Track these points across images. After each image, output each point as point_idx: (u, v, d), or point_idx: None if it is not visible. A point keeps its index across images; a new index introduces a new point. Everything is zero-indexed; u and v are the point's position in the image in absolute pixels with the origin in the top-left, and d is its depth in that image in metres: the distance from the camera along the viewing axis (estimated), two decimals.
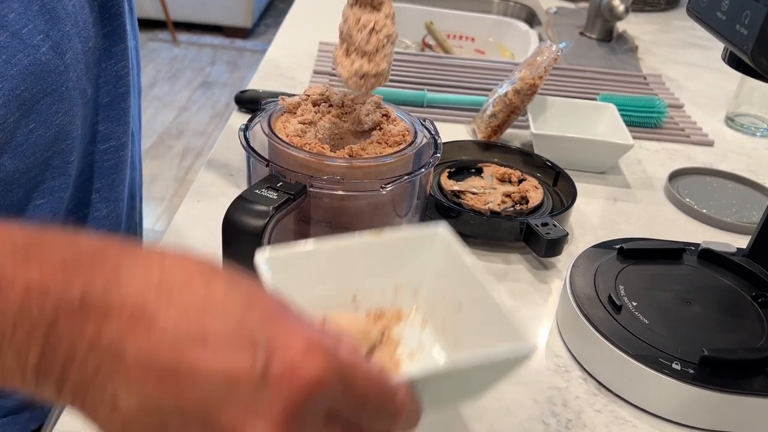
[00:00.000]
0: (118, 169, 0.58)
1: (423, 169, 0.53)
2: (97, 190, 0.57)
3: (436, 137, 0.56)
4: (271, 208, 0.46)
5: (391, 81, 0.99)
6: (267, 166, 0.51)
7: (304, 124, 0.54)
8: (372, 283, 0.42)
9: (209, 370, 0.25)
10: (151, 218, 2.12)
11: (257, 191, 0.48)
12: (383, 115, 0.56)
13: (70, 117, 0.49)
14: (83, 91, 0.50)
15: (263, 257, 0.38)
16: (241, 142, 0.53)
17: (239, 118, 0.84)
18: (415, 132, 0.56)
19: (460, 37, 1.33)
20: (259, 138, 0.54)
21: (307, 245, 0.40)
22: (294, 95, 0.58)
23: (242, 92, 0.87)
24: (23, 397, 0.53)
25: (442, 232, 0.43)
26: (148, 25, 3.40)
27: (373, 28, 0.48)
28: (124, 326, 0.25)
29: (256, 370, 0.25)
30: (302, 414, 0.26)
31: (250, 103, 0.85)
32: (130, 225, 0.66)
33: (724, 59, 0.48)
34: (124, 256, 0.27)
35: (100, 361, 0.25)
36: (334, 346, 0.27)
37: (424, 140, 0.55)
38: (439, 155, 0.54)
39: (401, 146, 0.53)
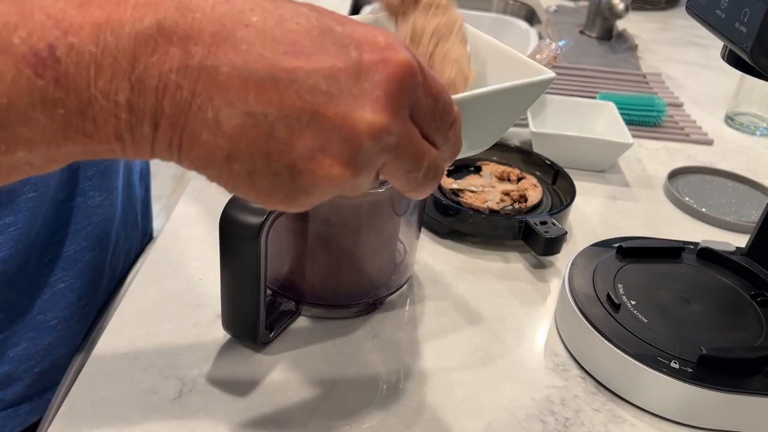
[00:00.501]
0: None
1: None
2: (89, 178, 0.56)
3: None
4: None
5: None
6: None
7: None
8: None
9: (307, 71, 0.26)
10: None
11: None
12: None
13: None
14: None
15: None
16: None
17: None
18: None
19: None
20: None
21: None
22: None
23: None
24: (21, 390, 0.53)
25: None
26: None
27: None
28: (210, 44, 0.26)
29: (352, 62, 0.27)
30: (399, 95, 0.28)
31: None
32: (127, 215, 0.65)
33: (723, 57, 0.48)
34: None
35: (194, 83, 0.26)
36: (407, 44, 0.29)
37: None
38: None
39: None
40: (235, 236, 0.46)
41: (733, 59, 0.47)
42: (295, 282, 0.55)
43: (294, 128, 0.26)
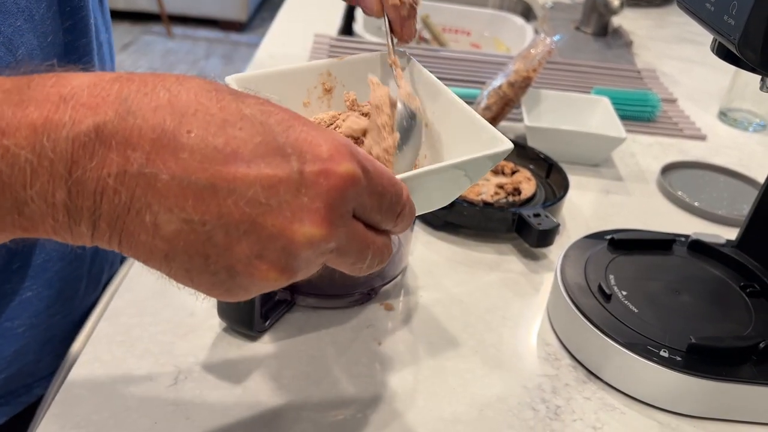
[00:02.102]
0: None
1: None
2: None
3: None
4: None
5: None
6: None
7: None
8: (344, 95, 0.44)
9: (247, 180, 0.26)
10: None
11: None
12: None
13: None
14: None
15: (233, 78, 0.39)
16: None
17: None
18: None
19: (456, 31, 1.33)
20: None
21: (273, 68, 0.42)
22: None
23: None
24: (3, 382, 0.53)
25: (400, 51, 0.45)
26: (142, 17, 3.39)
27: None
28: (149, 151, 0.25)
29: (294, 174, 0.26)
30: (340, 206, 0.28)
31: None
32: None
33: (712, 50, 0.48)
34: (124, 83, 0.26)
35: (133, 189, 0.25)
36: (352, 146, 0.28)
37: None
38: None
39: None
40: None
41: (722, 52, 0.47)
42: None
43: (232, 235, 0.26)
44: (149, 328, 0.51)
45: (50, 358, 0.57)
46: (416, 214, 0.34)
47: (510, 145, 0.38)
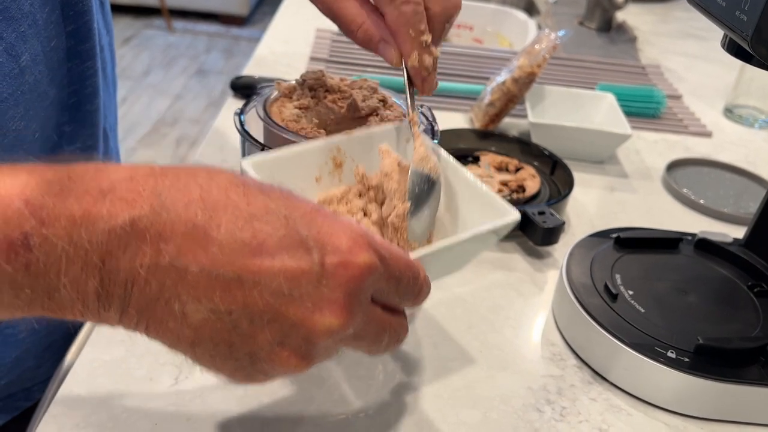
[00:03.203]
0: None
1: None
2: None
3: (434, 124, 0.56)
4: None
5: (388, 69, 0.98)
6: (262, 150, 0.50)
7: (300, 109, 0.54)
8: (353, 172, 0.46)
9: (272, 272, 0.27)
10: None
11: None
12: (380, 101, 0.56)
13: (26, 121, 0.47)
14: (43, 94, 0.48)
15: (249, 162, 0.41)
16: (236, 126, 0.52)
17: (235, 104, 0.84)
18: None
19: (458, 26, 1.31)
20: (254, 123, 0.53)
21: (286, 149, 0.43)
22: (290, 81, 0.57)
23: (238, 78, 0.87)
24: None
25: (405, 126, 0.47)
26: (142, 12, 3.38)
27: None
28: (181, 245, 0.27)
29: (315, 266, 0.28)
30: (359, 295, 0.29)
31: (245, 89, 0.85)
32: None
33: (723, 46, 0.47)
34: (158, 178, 0.28)
35: (164, 280, 0.27)
36: (370, 235, 0.30)
37: (421, 127, 0.55)
38: (437, 141, 0.54)
39: None
40: None
41: (733, 48, 0.46)
42: None
43: (256, 324, 0.28)
44: None
45: (50, 362, 0.57)
46: (431, 286, 0.35)
47: (518, 216, 0.41)
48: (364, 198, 0.47)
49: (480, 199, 0.43)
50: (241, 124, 0.52)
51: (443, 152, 0.46)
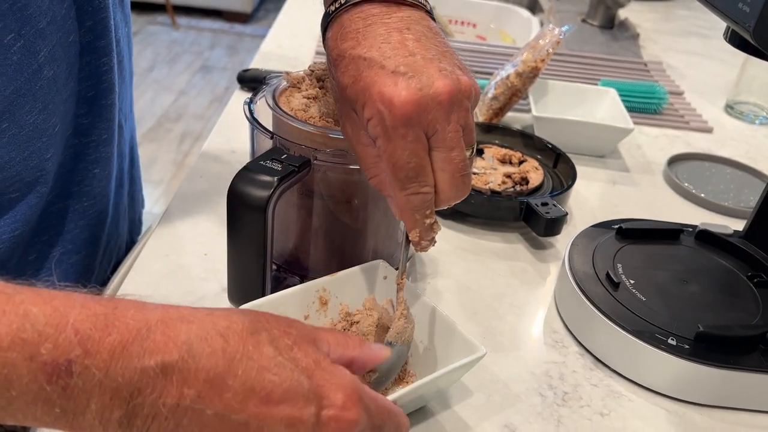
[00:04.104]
0: (100, 163, 0.57)
1: None
2: (78, 183, 0.56)
3: None
4: (275, 179, 0.47)
5: None
6: (271, 138, 0.51)
7: (308, 99, 0.54)
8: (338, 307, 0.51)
9: (275, 419, 0.32)
10: (148, 201, 2.10)
11: (262, 163, 0.48)
12: None
13: (45, 115, 0.48)
14: (61, 88, 0.49)
15: (246, 307, 0.46)
16: (245, 115, 0.53)
17: (242, 97, 0.85)
18: None
19: (462, 23, 1.32)
20: (262, 113, 0.54)
21: (277, 294, 0.48)
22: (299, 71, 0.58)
23: (245, 71, 0.88)
24: None
25: (382, 264, 0.52)
26: (147, 8, 3.39)
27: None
28: (201, 390, 0.31)
29: (312, 417, 0.33)
30: None
31: (252, 81, 0.86)
32: (117, 214, 0.64)
33: (726, 38, 0.48)
34: (185, 324, 0.32)
35: (181, 419, 0.31)
36: (361, 389, 0.35)
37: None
38: None
39: None
40: (243, 209, 0.47)
41: (735, 40, 0.47)
42: (300, 258, 0.55)
43: None
44: None
45: None
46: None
47: (483, 352, 0.44)
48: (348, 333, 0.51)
49: (453, 338, 0.47)
50: (251, 112, 0.53)
51: (423, 298, 0.50)
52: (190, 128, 2.53)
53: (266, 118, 0.54)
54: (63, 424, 0.30)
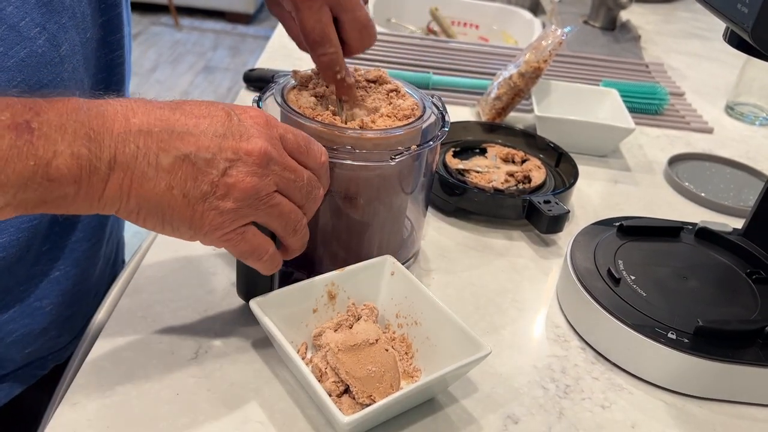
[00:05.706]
0: None
1: (431, 142, 0.54)
2: None
3: (444, 113, 0.58)
4: None
5: (396, 63, 1.00)
6: None
7: (316, 97, 0.55)
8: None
9: (208, 124, 0.41)
10: None
11: None
12: (393, 90, 0.58)
13: None
14: (79, 82, 0.51)
15: (256, 301, 0.48)
16: None
17: (248, 97, 0.86)
18: (424, 107, 0.57)
19: (465, 24, 1.33)
20: (270, 112, 0.55)
21: (288, 287, 0.50)
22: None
23: (251, 70, 0.89)
24: (12, 367, 0.55)
25: (390, 260, 0.53)
26: (150, 8, 3.40)
27: None
28: (141, 117, 0.39)
29: (235, 117, 0.42)
30: (272, 129, 0.43)
31: (258, 81, 0.87)
32: None
33: (725, 38, 0.49)
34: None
35: (137, 141, 0.38)
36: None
37: (432, 116, 0.57)
38: (447, 129, 0.55)
39: (410, 120, 0.54)
40: None
41: (734, 40, 0.48)
42: (307, 253, 0.56)
43: (207, 159, 0.40)
44: (170, 304, 0.53)
45: (69, 333, 0.59)
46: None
47: (489, 350, 0.46)
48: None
49: (457, 334, 0.48)
50: None
51: (420, 282, 0.52)
52: None
53: (275, 114, 0.55)
54: (40, 184, 0.36)
